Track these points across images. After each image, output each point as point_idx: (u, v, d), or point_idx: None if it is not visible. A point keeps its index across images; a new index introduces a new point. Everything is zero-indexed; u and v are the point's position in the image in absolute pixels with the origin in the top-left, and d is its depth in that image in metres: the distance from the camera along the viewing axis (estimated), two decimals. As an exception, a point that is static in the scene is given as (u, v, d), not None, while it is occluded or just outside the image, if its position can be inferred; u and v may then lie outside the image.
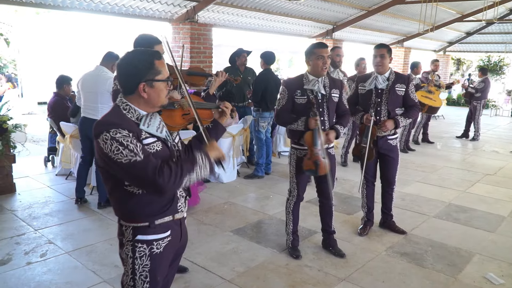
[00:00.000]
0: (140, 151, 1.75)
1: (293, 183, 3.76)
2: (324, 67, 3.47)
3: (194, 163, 1.86)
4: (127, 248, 1.94)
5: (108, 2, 7.09)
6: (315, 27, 11.24)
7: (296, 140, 3.65)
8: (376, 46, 4.05)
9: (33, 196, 5.26)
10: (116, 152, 1.73)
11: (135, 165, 1.73)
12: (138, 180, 1.79)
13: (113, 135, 1.73)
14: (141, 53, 1.89)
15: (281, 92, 3.70)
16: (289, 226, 3.85)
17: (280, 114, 3.65)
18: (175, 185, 1.80)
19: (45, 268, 3.56)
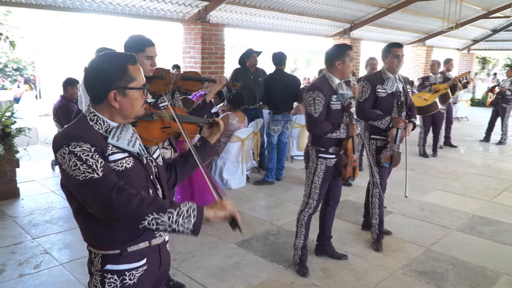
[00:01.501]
0: (99, 168, 1.50)
1: (315, 194, 3.47)
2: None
3: (173, 206, 1.51)
4: (95, 278, 1.69)
5: (119, 3, 6.97)
6: (332, 26, 10.89)
7: (324, 149, 3.39)
8: (397, 45, 3.80)
9: (36, 202, 5.12)
10: (73, 167, 1.49)
11: (90, 183, 1.48)
12: (91, 200, 1.51)
13: (72, 149, 1.49)
14: (113, 56, 1.63)
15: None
16: (300, 240, 3.57)
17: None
18: (134, 213, 1.47)
19: (37, 281, 3.39)
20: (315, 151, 3.42)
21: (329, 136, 3.32)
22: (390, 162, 3.86)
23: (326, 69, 3.40)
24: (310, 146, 3.47)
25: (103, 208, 1.50)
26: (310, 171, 3.47)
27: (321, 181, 3.43)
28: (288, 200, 5.37)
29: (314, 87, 3.30)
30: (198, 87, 3.12)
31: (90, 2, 6.67)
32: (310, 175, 3.47)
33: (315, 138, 3.41)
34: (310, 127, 3.35)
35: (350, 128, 3.32)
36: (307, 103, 3.30)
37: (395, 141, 3.79)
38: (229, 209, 1.62)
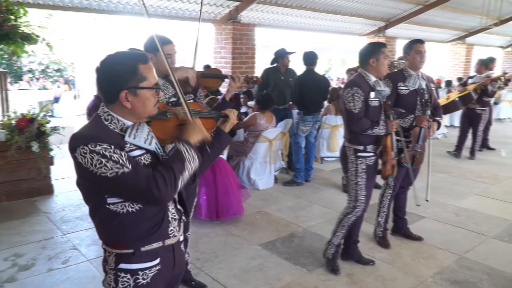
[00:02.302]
0: (126, 161, 1.52)
1: (361, 196, 3.35)
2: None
3: (182, 160, 1.63)
4: (109, 277, 1.70)
5: (152, 5, 7.10)
6: (366, 24, 10.67)
7: (362, 148, 3.30)
8: (419, 41, 3.69)
9: (68, 198, 5.26)
10: (99, 165, 1.49)
11: (124, 178, 1.50)
12: (130, 194, 1.57)
13: (92, 148, 1.49)
14: (123, 56, 1.62)
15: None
16: (337, 238, 3.50)
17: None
18: (172, 191, 1.59)
19: (64, 276, 3.46)
20: (353, 151, 3.33)
21: (368, 133, 3.24)
22: (411, 162, 3.71)
23: (361, 68, 3.33)
24: (347, 147, 3.38)
25: (142, 198, 1.59)
26: (351, 173, 3.36)
27: (365, 181, 3.33)
28: (316, 202, 5.27)
29: (353, 83, 3.24)
30: (218, 84, 3.11)
31: (125, 4, 6.84)
32: (353, 177, 3.36)
33: (353, 136, 3.32)
34: (350, 123, 3.27)
35: (389, 124, 3.25)
36: (345, 99, 3.23)
37: (417, 140, 3.66)
38: (203, 131, 1.80)
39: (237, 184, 4.76)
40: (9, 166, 4.98)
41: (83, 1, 6.43)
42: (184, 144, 1.67)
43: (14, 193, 5.09)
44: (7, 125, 4.94)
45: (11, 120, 5.01)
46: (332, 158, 7.30)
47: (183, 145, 1.67)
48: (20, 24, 5.17)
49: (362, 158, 3.31)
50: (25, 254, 3.78)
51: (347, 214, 3.44)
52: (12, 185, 5.06)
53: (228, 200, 4.48)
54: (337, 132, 7.01)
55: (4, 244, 3.95)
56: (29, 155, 5.04)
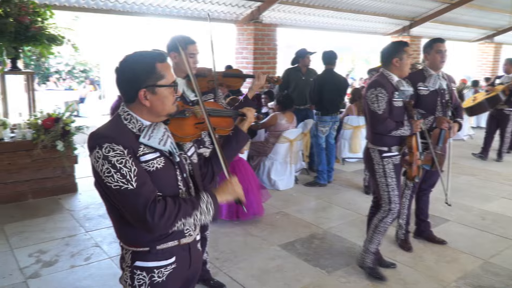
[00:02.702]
0: (133, 178, 1.52)
1: (395, 197, 3.26)
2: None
3: (195, 207, 1.63)
4: (126, 274, 1.72)
5: (174, 6, 7.16)
6: (390, 24, 10.51)
7: (387, 149, 3.25)
8: (439, 40, 3.61)
9: (91, 197, 5.36)
10: (107, 174, 1.51)
11: (125, 193, 1.52)
12: (125, 210, 1.57)
13: (106, 153, 1.51)
14: (141, 55, 1.64)
15: None
16: (374, 245, 3.39)
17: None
18: (166, 226, 1.56)
19: (87, 273, 3.52)
20: (378, 152, 3.26)
21: (393, 134, 3.19)
22: (431, 164, 3.62)
23: (383, 67, 3.28)
24: (371, 148, 3.31)
25: (135, 219, 1.57)
26: (380, 175, 3.28)
27: (396, 180, 3.27)
28: (337, 204, 5.22)
29: (376, 83, 3.18)
30: (240, 84, 3.12)
31: (148, 6, 6.93)
32: (382, 179, 3.27)
33: (377, 138, 3.26)
34: (374, 125, 3.21)
35: (414, 125, 3.19)
36: (369, 100, 3.18)
37: (437, 142, 3.57)
38: (237, 192, 1.77)
39: (257, 184, 4.76)
40: (35, 164, 5.11)
41: (108, 3, 6.54)
42: (209, 197, 1.68)
43: (40, 191, 5.22)
44: (34, 125, 5.07)
45: (37, 119, 5.14)
46: (353, 159, 7.21)
47: (207, 196, 1.67)
48: (46, 26, 5.31)
49: (388, 158, 3.25)
50: (49, 251, 3.87)
51: (383, 218, 3.32)
52: (38, 183, 5.19)
53: (248, 200, 4.47)
54: (359, 133, 6.92)
55: (29, 241, 4.06)
56: (54, 154, 5.16)
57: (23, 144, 5.01)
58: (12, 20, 4.87)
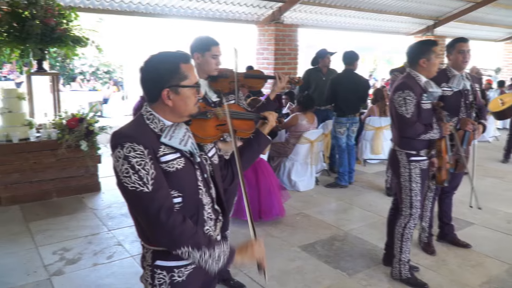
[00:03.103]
0: (150, 181, 1.53)
1: (417, 202, 3.20)
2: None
3: (209, 246, 1.58)
4: (146, 273, 1.73)
5: (196, 7, 7.23)
6: (414, 23, 10.35)
7: (415, 152, 3.16)
8: (462, 39, 3.51)
9: (114, 196, 5.43)
10: (125, 174, 1.53)
11: (139, 196, 1.52)
12: (137, 212, 1.58)
13: (127, 154, 1.52)
14: (166, 56, 1.65)
15: None
16: (406, 254, 3.30)
17: None
18: (173, 240, 1.54)
19: (109, 271, 3.57)
20: (405, 156, 3.17)
21: (422, 138, 3.09)
22: (454, 167, 3.53)
23: (410, 67, 3.18)
24: (398, 151, 3.22)
25: (146, 222, 1.56)
26: (405, 179, 3.20)
27: (420, 186, 3.19)
28: (358, 205, 5.17)
29: (404, 86, 3.06)
30: (261, 85, 3.12)
31: (170, 7, 7.01)
32: (406, 183, 3.19)
33: (405, 141, 3.16)
34: (403, 129, 3.11)
35: (443, 127, 3.10)
36: (396, 103, 3.08)
37: (461, 144, 3.48)
38: (256, 257, 1.68)
39: (278, 185, 4.75)
40: (59, 163, 5.22)
41: (131, 5, 6.64)
42: (228, 248, 1.64)
43: (64, 190, 5.33)
44: (59, 125, 5.18)
45: (62, 119, 5.25)
46: (375, 161, 7.13)
47: (226, 246, 1.63)
48: (71, 27, 5.42)
49: (415, 163, 3.16)
50: (72, 249, 3.94)
51: (406, 224, 3.26)
52: (62, 182, 5.31)
53: (270, 200, 4.47)
54: (381, 134, 6.84)
55: (54, 238, 4.14)
56: (78, 153, 5.26)
57: (48, 144, 5.13)
58: (38, 22, 4.99)
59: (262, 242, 1.71)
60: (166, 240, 1.55)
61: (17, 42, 5.12)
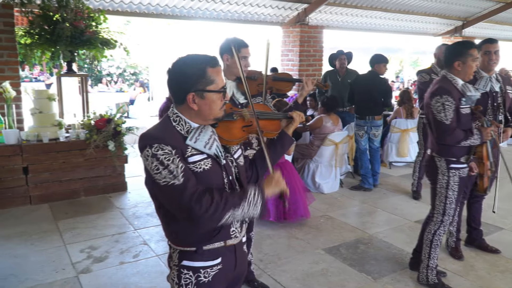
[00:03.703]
0: (180, 174, 1.55)
1: (450, 209, 3.12)
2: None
3: (242, 198, 1.63)
4: (173, 273, 1.75)
5: (222, 9, 7.27)
6: (442, 24, 10.14)
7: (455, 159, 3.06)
8: (489, 40, 3.41)
9: (140, 196, 5.52)
10: (156, 171, 1.56)
11: (172, 188, 1.55)
12: (172, 205, 1.61)
13: (155, 152, 1.56)
14: (193, 59, 1.66)
15: None
16: (434, 261, 3.25)
17: None
18: (214, 218, 1.57)
19: (135, 269, 3.63)
20: (445, 162, 3.07)
21: (462, 144, 2.99)
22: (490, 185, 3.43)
23: (446, 70, 3.06)
24: (437, 157, 3.11)
25: (182, 213, 1.59)
26: (441, 186, 3.11)
27: (457, 194, 3.10)
28: (383, 208, 5.09)
29: (441, 90, 2.93)
30: (289, 88, 3.11)
31: (196, 9, 7.07)
32: (443, 190, 3.11)
33: (445, 148, 3.05)
34: (442, 136, 2.99)
35: (484, 132, 3.00)
36: (434, 109, 2.95)
37: None
38: (282, 186, 1.77)
39: (303, 186, 4.74)
40: (87, 163, 5.33)
41: (158, 8, 6.73)
42: (256, 189, 1.68)
43: (92, 189, 5.44)
44: (87, 125, 5.29)
45: (90, 120, 5.37)
46: (401, 163, 7.01)
47: (254, 188, 1.67)
48: (100, 30, 5.54)
49: (455, 170, 3.06)
50: (99, 247, 4.01)
51: (436, 231, 3.19)
52: (90, 182, 5.42)
53: (296, 201, 4.46)
54: (407, 136, 6.73)
55: (81, 237, 4.23)
56: (106, 153, 5.36)
57: (77, 144, 5.24)
58: (69, 25, 5.11)
59: (279, 172, 1.80)
60: (208, 221, 1.58)
61: (48, 44, 5.26)
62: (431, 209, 3.25)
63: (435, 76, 4.91)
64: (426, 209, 3.58)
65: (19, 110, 5.61)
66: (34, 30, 5.22)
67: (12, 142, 4.90)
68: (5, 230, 4.34)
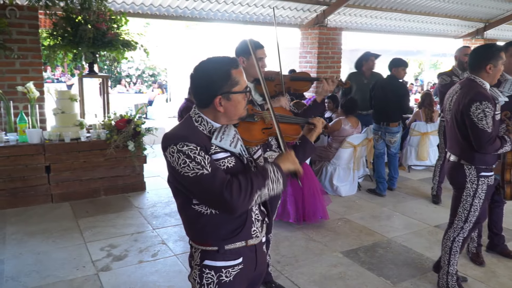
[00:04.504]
0: (207, 164, 1.57)
1: (473, 217, 3.05)
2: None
3: (265, 177, 1.64)
4: (194, 272, 1.77)
5: (240, 11, 7.30)
6: (463, 26, 9.99)
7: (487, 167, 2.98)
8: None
9: (158, 195, 5.59)
10: (183, 165, 1.57)
11: (202, 179, 1.56)
12: (204, 195, 1.61)
13: (180, 148, 1.58)
14: (216, 62, 1.67)
15: None
16: (454, 267, 3.20)
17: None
18: (245, 202, 1.59)
19: (153, 268, 3.66)
20: (476, 170, 2.96)
21: (498, 152, 2.91)
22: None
23: (473, 73, 2.95)
24: (466, 165, 2.99)
25: (215, 202, 1.61)
26: (468, 193, 3.02)
27: (482, 202, 3.03)
28: (402, 212, 5.04)
29: (480, 96, 2.78)
30: (308, 87, 3.09)
31: (215, 11, 7.12)
32: (469, 198, 3.02)
33: (478, 156, 2.92)
34: (484, 145, 2.82)
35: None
36: (475, 117, 2.78)
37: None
38: (295, 162, 1.79)
39: (321, 188, 4.73)
40: (108, 163, 5.41)
41: (178, 10, 6.80)
42: (274, 165, 1.70)
43: (111, 188, 5.52)
44: (108, 125, 5.37)
45: (111, 120, 5.45)
46: (420, 167, 6.93)
47: (272, 165, 1.69)
48: (121, 32, 5.62)
49: (484, 178, 2.98)
50: (119, 245, 4.07)
51: (455, 238, 3.13)
52: (110, 181, 5.50)
53: (314, 204, 4.46)
54: (427, 139, 6.64)
55: (102, 235, 4.30)
56: (126, 153, 5.44)
57: (98, 144, 5.32)
58: (91, 27, 5.21)
59: (292, 152, 1.82)
60: (240, 205, 1.58)
61: (70, 46, 5.38)
62: (452, 216, 3.19)
63: (456, 79, 4.84)
64: (446, 214, 3.53)
65: (42, 110, 5.74)
66: (58, 32, 5.33)
67: (35, 142, 5.01)
68: (29, 227, 4.44)
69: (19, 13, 5.34)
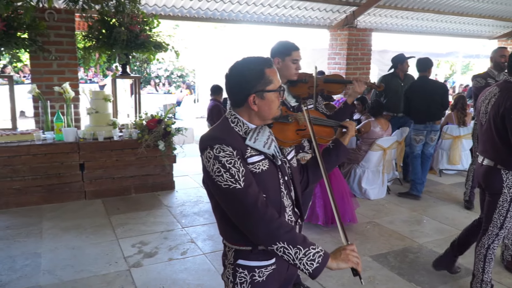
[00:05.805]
0: (241, 178, 1.58)
1: (508, 223, 2.99)
2: None
3: (304, 245, 1.58)
4: (228, 271, 1.79)
5: (269, 13, 7.33)
6: (498, 26, 9.71)
7: None
8: None
9: (187, 195, 5.67)
10: (217, 173, 1.59)
11: (233, 193, 1.58)
12: (231, 208, 1.63)
13: (217, 154, 1.60)
14: (250, 62, 1.70)
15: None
16: (489, 275, 3.11)
17: None
18: (269, 236, 1.55)
19: (183, 266, 3.72)
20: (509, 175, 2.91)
21: None
22: None
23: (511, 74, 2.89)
24: (504, 170, 2.93)
25: (242, 218, 1.60)
26: (505, 199, 2.95)
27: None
28: (433, 217, 4.94)
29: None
30: (341, 90, 3.08)
31: (244, 13, 7.16)
32: (506, 204, 2.95)
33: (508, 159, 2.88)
34: None
35: None
36: None
37: None
38: (351, 261, 1.63)
39: (349, 191, 4.70)
40: (138, 162, 5.53)
41: (207, 12, 6.88)
42: (323, 252, 1.61)
43: (142, 187, 5.64)
44: (139, 125, 5.49)
45: (142, 120, 5.56)
46: (452, 171, 6.77)
47: (321, 250, 1.61)
48: (153, 34, 5.74)
49: None
50: (149, 243, 4.15)
51: (490, 245, 3.05)
52: (140, 180, 5.61)
53: (343, 206, 4.43)
54: (460, 143, 6.50)
55: (133, 232, 4.40)
56: (156, 153, 5.54)
57: (129, 143, 5.45)
58: (124, 29, 5.34)
59: (353, 246, 1.67)
60: (264, 234, 1.56)
61: (105, 48, 5.52)
62: (485, 222, 3.10)
63: (492, 81, 4.72)
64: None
65: (77, 109, 5.91)
66: (93, 34, 5.49)
67: (70, 140, 5.17)
68: (64, 222, 4.59)
69: (57, 16, 5.52)
